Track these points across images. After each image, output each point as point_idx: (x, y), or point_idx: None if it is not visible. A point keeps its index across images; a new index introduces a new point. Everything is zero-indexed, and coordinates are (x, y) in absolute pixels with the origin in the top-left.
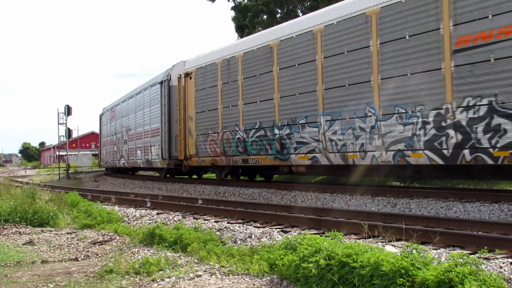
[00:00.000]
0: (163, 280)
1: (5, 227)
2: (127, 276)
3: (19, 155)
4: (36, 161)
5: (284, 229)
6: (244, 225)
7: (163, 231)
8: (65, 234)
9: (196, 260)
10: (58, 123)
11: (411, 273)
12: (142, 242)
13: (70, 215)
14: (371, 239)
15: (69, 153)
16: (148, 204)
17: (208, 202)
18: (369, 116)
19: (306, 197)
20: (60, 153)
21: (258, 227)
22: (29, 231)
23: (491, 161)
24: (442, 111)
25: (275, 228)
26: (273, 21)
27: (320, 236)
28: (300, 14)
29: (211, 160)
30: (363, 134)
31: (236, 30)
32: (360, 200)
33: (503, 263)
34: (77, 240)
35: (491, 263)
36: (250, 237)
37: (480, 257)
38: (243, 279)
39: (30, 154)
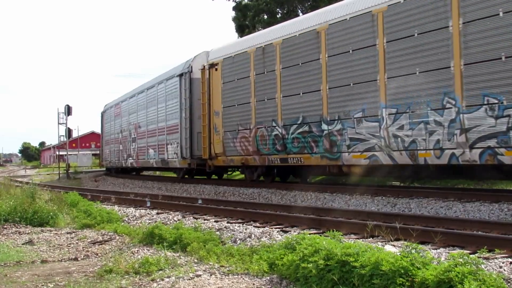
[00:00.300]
0: (163, 280)
1: (5, 227)
2: (127, 276)
3: (19, 155)
4: (36, 161)
5: (284, 229)
6: (244, 225)
7: (163, 231)
8: (65, 234)
9: (196, 260)
10: (58, 123)
11: (411, 273)
12: (142, 242)
13: (70, 215)
14: (371, 239)
15: (69, 153)
16: (148, 204)
17: (208, 202)
18: (448, 108)
19: (306, 197)
20: (60, 153)
21: (258, 227)
22: (29, 231)
23: None
24: None
25: (275, 228)
26: (274, 21)
27: (320, 236)
28: (300, 14)
29: (242, 160)
30: (439, 129)
31: (237, 30)
32: (360, 200)
33: (503, 263)
34: (77, 240)
35: (491, 263)
36: (250, 237)
37: (480, 257)
38: (243, 279)
39: (30, 154)
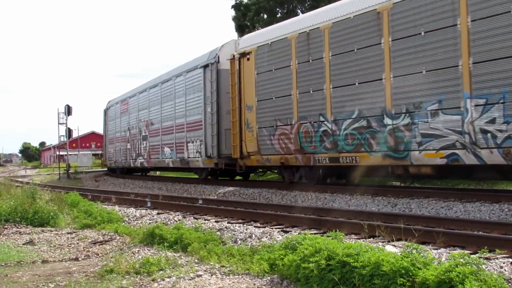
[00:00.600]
0: (164, 280)
1: (6, 227)
2: (128, 276)
3: (19, 155)
4: (36, 161)
5: (285, 229)
6: (245, 225)
7: (164, 231)
8: (66, 234)
9: (197, 260)
10: (58, 123)
11: (412, 273)
12: (143, 242)
13: (71, 215)
14: (372, 239)
15: (69, 153)
16: (149, 204)
17: (209, 202)
18: None
19: (306, 197)
20: (60, 153)
21: (259, 227)
22: (30, 231)
23: None
24: None
25: (276, 228)
26: (274, 20)
27: (321, 236)
28: (300, 14)
29: (281, 159)
30: None
31: (236, 30)
32: (360, 200)
33: (504, 263)
34: (78, 240)
35: (492, 263)
36: (251, 237)
37: (481, 257)
38: (244, 279)
39: (30, 154)
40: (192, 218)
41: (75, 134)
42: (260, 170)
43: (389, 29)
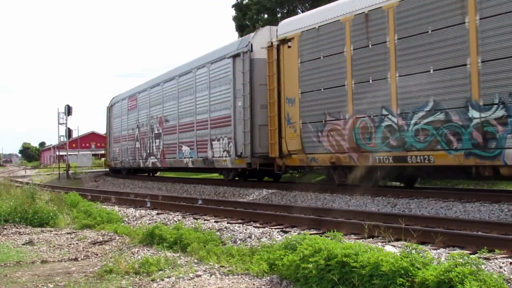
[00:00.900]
0: (163, 280)
1: (5, 227)
2: (127, 276)
3: (19, 155)
4: (36, 161)
5: (284, 229)
6: (244, 225)
7: (163, 231)
8: (65, 234)
9: (196, 260)
10: (58, 123)
11: (411, 273)
12: (142, 242)
13: (70, 215)
14: (371, 239)
15: (69, 153)
16: (148, 204)
17: (208, 202)
18: None
19: (306, 197)
20: (60, 153)
21: (258, 227)
22: (29, 231)
23: None
24: None
25: (275, 228)
26: (274, 20)
27: (320, 236)
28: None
29: (331, 158)
30: None
31: (237, 29)
32: (360, 200)
33: (503, 263)
34: (77, 240)
35: (491, 263)
36: (250, 237)
37: (480, 257)
38: (243, 279)
39: (30, 154)
40: (192, 218)
41: (75, 134)
42: (299, 171)
43: (476, 6)
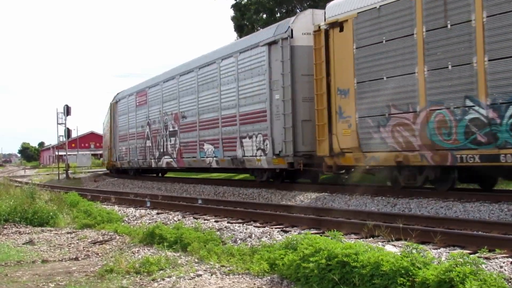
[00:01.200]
0: (164, 280)
1: (5, 227)
2: (128, 276)
3: (19, 155)
4: (36, 161)
5: (284, 229)
6: (244, 225)
7: (163, 231)
8: (65, 234)
9: (197, 260)
10: (58, 123)
11: (411, 273)
12: (142, 242)
13: (70, 215)
14: (371, 239)
15: (69, 153)
16: (148, 204)
17: (208, 202)
18: None
19: (306, 197)
20: (60, 153)
21: (258, 227)
22: (29, 231)
23: None
24: None
25: (275, 228)
26: (273, 20)
27: (321, 236)
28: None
29: (396, 157)
30: None
31: (235, 29)
32: (360, 200)
33: (503, 263)
34: (77, 240)
35: (491, 263)
36: (250, 237)
37: (480, 257)
38: (244, 279)
39: (30, 154)
40: (192, 218)
41: (74, 134)
42: (375, 172)
43: None
